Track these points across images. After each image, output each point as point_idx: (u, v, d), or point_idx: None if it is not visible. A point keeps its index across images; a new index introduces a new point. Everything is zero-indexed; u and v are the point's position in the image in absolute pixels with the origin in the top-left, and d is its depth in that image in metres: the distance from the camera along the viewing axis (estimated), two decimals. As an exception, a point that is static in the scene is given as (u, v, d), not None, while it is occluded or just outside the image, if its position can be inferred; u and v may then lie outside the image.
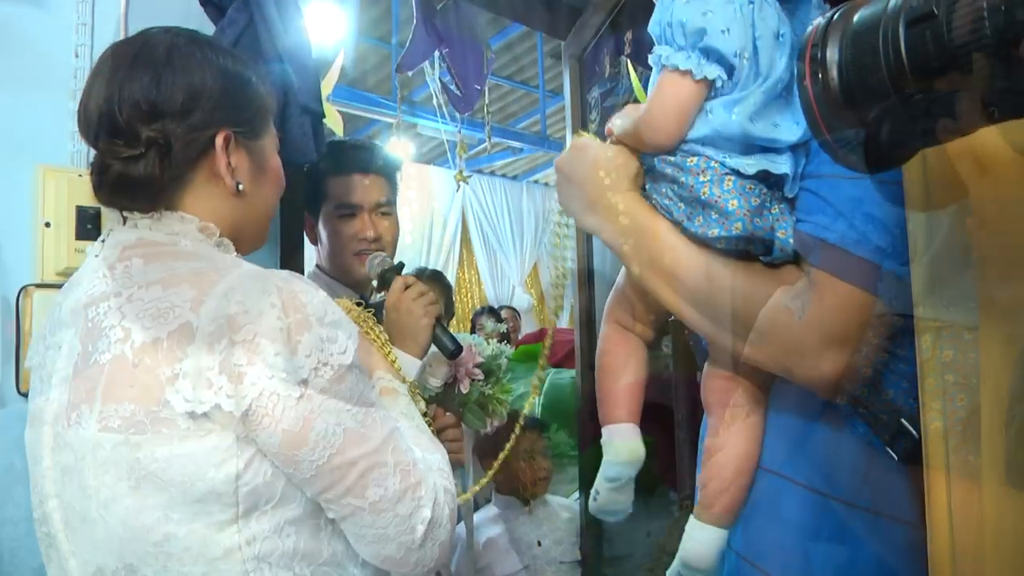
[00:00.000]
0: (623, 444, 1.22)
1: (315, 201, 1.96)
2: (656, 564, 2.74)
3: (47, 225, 1.67)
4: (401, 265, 1.80)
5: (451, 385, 1.87)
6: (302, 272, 2.07)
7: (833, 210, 0.95)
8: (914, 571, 0.79)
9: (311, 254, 2.10)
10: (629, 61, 2.69)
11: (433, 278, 3.69)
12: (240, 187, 1.10)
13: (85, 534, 0.98)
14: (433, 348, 1.65)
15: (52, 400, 1.00)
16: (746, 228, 0.98)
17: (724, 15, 0.98)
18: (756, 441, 1.12)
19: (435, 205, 8.15)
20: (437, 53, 3.40)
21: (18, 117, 1.69)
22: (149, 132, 1.01)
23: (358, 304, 1.58)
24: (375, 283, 1.77)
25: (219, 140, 1.06)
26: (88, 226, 1.68)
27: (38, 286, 1.67)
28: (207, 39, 1.12)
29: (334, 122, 4.49)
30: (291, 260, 2.04)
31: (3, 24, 1.67)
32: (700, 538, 1.14)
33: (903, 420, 0.94)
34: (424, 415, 1.49)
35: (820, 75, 0.60)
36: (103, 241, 1.07)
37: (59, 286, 1.10)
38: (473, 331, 5.79)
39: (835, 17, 0.60)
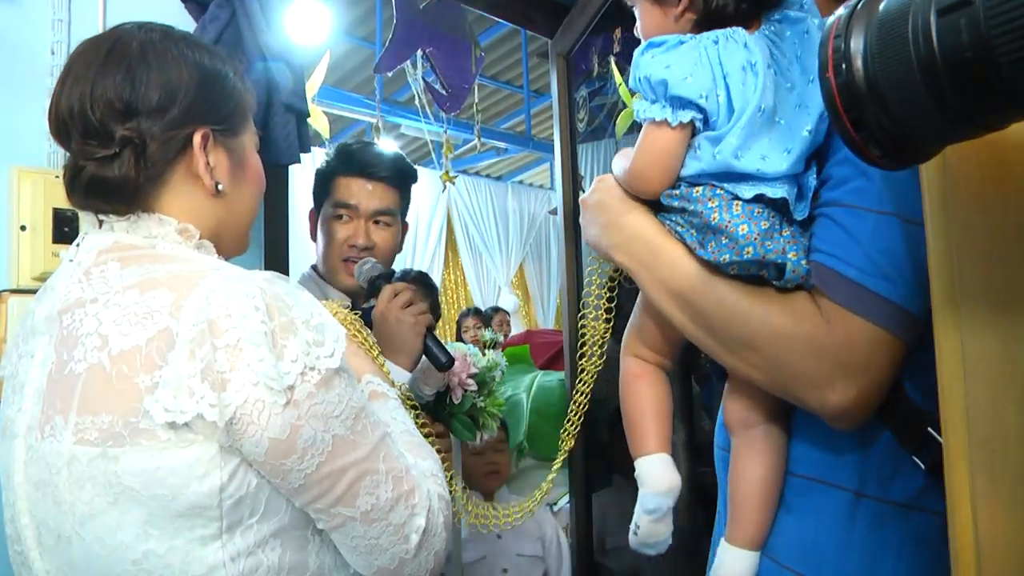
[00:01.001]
0: (659, 475, 1.19)
1: (320, 198, 1.91)
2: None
3: (23, 228, 1.62)
4: (392, 273, 1.77)
5: (443, 394, 1.83)
6: (287, 274, 2.03)
7: (851, 240, 0.94)
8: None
9: (296, 261, 2.06)
10: (614, 61, 2.67)
11: (419, 279, 3.65)
12: (219, 187, 1.06)
13: (59, 553, 0.94)
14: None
15: (25, 411, 0.96)
16: (757, 252, 0.98)
17: (685, 63, 1.02)
18: (781, 459, 1.11)
19: (420, 206, 8.11)
20: (420, 53, 3.36)
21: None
22: (123, 131, 0.98)
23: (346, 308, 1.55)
24: (364, 290, 1.73)
25: (197, 138, 1.03)
26: (65, 229, 1.63)
27: (13, 291, 1.62)
28: (182, 34, 1.07)
29: (320, 124, 4.46)
30: (276, 263, 2.00)
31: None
32: (732, 562, 1.12)
33: (930, 429, 0.94)
34: (418, 421, 1.46)
35: (843, 66, 0.56)
36: (78, 245, 1.03)
37: (35, 291, 1.05)
38: (459, 333, 5.76)
39: (859, 6, 0.56)
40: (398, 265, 2.07)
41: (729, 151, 1.00)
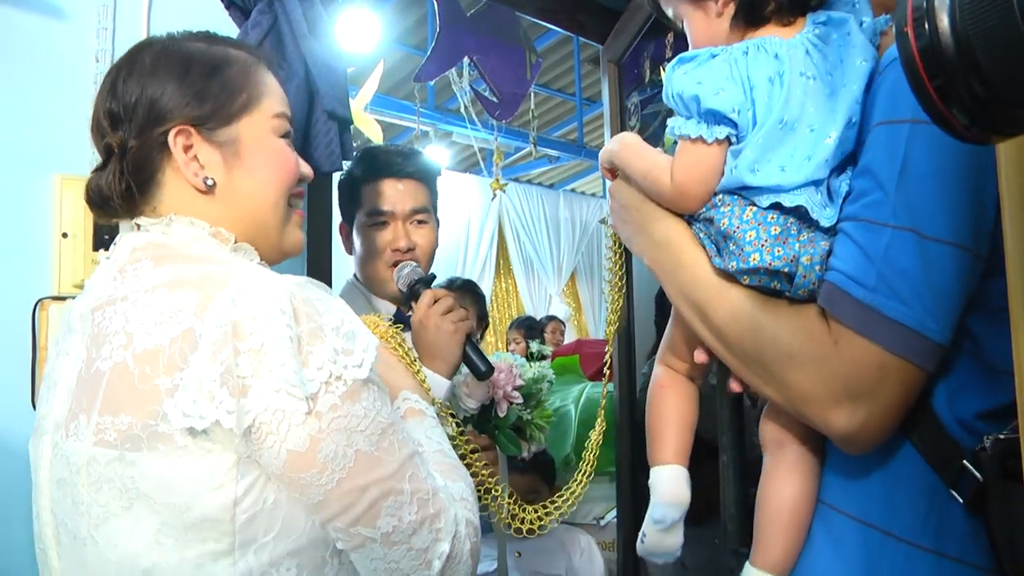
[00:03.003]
0: (671, 486, 1.18)
1: (350, 209, 1.88)
2: (735, 566, 2.66)
3: (64, 236, 1.63)
4: (432, 277, 1.73)
5: (488, 407, 1.78)
6: (330, 283, 2.02)
7: (863, 257, 0.90)
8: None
9: (340, 266, 2.04)
10: (663, 68, 2.61)
11: (465, 288, 3.63)
12: (209, 182, 1.03)
13: (75, 553, 0.93)
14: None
15: (55, 408, 0.96)
16: (763, 259, 0.95)
17: (716, 78, 1.00)
18: (813, 482, 1.06)
19: (470, 214, 8.11)
20: (467, 61, 3.33)
21: (37, 125, 1.65)
22: (109, 141, 1.01)
23: (392, 320, 1.52)
24: (403, 295, 1.69)
25: (171, 136, 1.01)
26: (106, 236, 1.63)
27: (55, 299, 1.62)
28: (185, 35, 1.09)
29: (372, 132, 4.47)
30: (318, 271, 1.98)
31: (22, 29, 1.64)
32: None
33: (966, 462, 0.88)
34: (458, 437, 1.43)
35: (926, 25, 0.50)
36: (115, 244, 1.03)
37: (76, 298, 1.06)
38: (508, 345, 5.72)
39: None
40: (449, 273, 2.03)
41: (745, 165, 0.98)
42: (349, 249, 1.90)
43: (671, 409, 1.22)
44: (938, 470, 0.92)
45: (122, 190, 1.01)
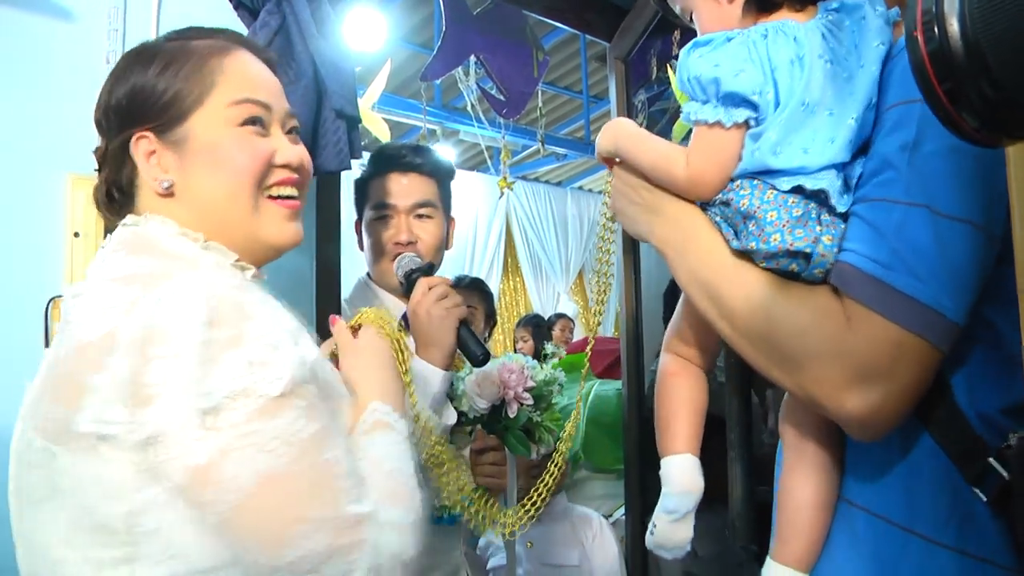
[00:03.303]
0: (682, 476, 1.17)
1: (360, 205, 1.89)
2: (744, 559, 2.66)
3: (76, 235, 1.64)
4: (430, 266, 1.72)
5: (498, 407, 1.76)
6: (339, 282, 2.02)
7: (875, 234, 0.88)
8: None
9: (349, 267, 2.04)
10: (670, 66, 2.61)
11: (473, 286, 3.63)
12: (165, 185, 1.02)
13: (20, 528, 0.94)
14: (488, 365, 1.57)
15: (30, 393, 0.96)
16: (784, 239, 0.94)
17: (735, 60, 0.98)
18: (835, 477, 1.05)
19: (477, 213, 8.11)
20: (473, 59, 3.33)
21: (49, 125, 1.66)
22: (97, 147, 1.06)
23: (402, 322, 1.51)
24: (403, 286, 1.69)
25: (132, 144, 1.03)
26: (117, 236, 1.64)
27: (67, 297, 1.63)
28: (145, 45, 1.10)
29: (380, 130, 4.46)
30: (327, 270, 1.99)
31: (33, 31, 1.65)
32: None
33: (992, 460, 0.86)
34: (440, 444, 1.41)
35: (935, 29, 0.50)
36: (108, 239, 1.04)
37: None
38: (515, 343, 5.71)
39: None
40: (456, 271, 2.01)
41: (767, 147, 0.96)
42: (361, 246, 1.90)
43: (680, 398, 1.20)
44: (960, 467, 0.90)
45: (103, 195, 1.05)
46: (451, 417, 1.58)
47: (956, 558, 0.91)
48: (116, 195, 1.04)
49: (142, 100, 1.02)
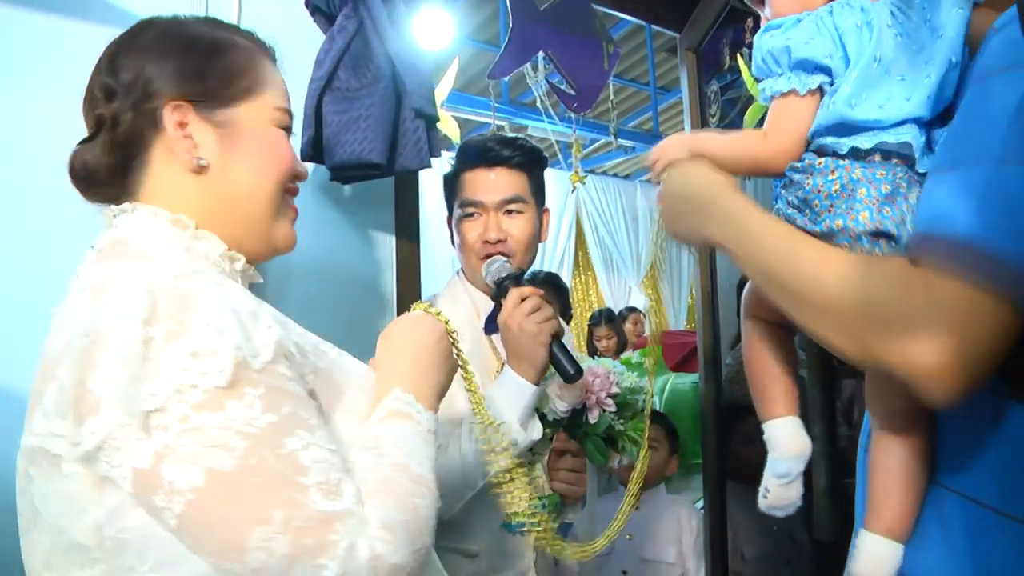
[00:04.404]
0: (789, 439, 1.19)
1: (449, 201, 1.84)
2: (793, 557, 2.63)
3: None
4: (521, 273, 1.68)
5: (579, 411, 1.70)
6: (419, 280, 2.04)
7: (961, 196, 0.83)
8: None
9: (429, 264, 2.06)
10: (741, 55, 2.58)
11: (548, 281, 3.63)
12: (202, 162, 0.98)
13: (23, 555, 0.91)
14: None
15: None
16: (873, 217, 0.94)
17: (803, 31, 1.03)
18: (926, 451, 1.03)
19: (549, 207, 8.07)
20: (541, 55, 3.33)
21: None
22: (101, 112, 0.96)
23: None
24: (493, 291, 1.65)
25: (166, 111, 0.97)
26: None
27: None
28: (186, 19, 1.05)
29: (450, 128, 4.49)
30: (408, 268, 2.02)
31: (100, 37, 1.70)
32: (872, 551, 1.05)
33: None
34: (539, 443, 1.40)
35: None
36: (92, 246, 0.98)
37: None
38: (591, 338, 5.67)
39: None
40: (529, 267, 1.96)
41: (843, 100, 0.99)
42: (453, 241, 1.85)
43: (770, 361, 1.22)
44: None
45: (110, 164, 0.97)
46: (536, 432, 1.55)
47: None
48: (120, 168, 0.98)
49: (187, 70, 0.99)
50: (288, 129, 1.09)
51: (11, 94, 1.59)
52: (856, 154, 1.00)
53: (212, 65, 1.01)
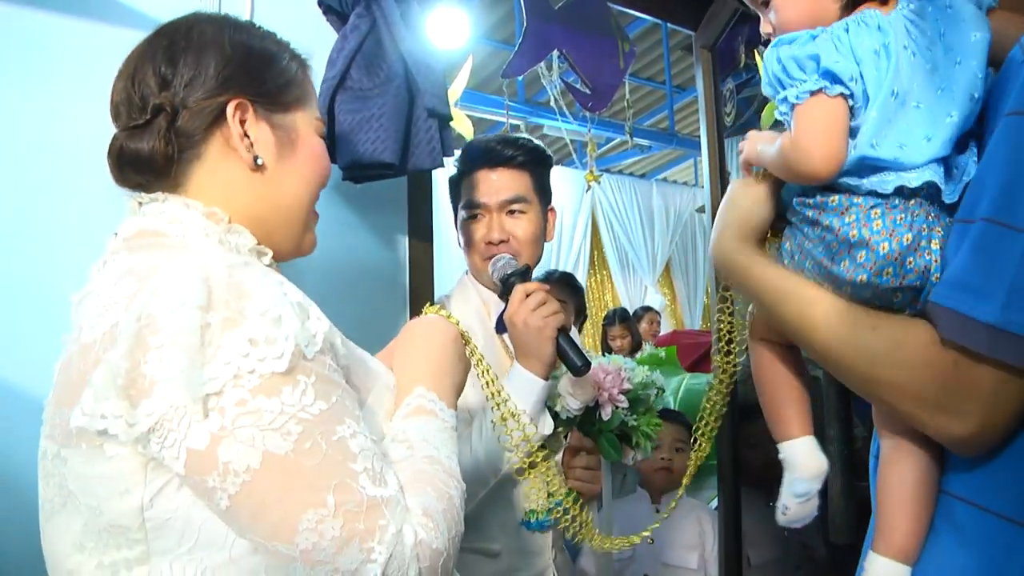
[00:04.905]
0: (806, 460, 1.19)
1: (454, 203, 1.85)
2: (803, 562, 2.61)
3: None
4: (527, 269, 1.67)
5: (593, 409, 1.70)
6: (432, 279, 2.04)
7: (991, 268, 0.83)
8: None
9: (442, 263, 2.06)
10: (757, 52, 2.57)
11: (563, 280, 3.62)
12: (259, 161, 1.00)
13: (45, 549, 0.93)
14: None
15: (47, 407, 0.93)
16: (896, 273, 0.93)
17: (828, 47, 0.97)
18: (934, 465, 1.02)
19: (564, 206, 8.08)
20: (556, 54, 3.32)
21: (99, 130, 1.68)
22: (157, 100, 0.96)
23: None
24: (500, 289, 1.66)
25: (231, 107, 0.98)
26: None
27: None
28: (238, 21, 1.07)
29: (464, 127, 4.50)
30: (420, 267, 2.02)
31: (118, 39, 1.71)
32: (881, 573, 1.05)
33: None
34: (547, 440, 1.40)
35: None
36: (116, 234, 0.99)
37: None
38: (605, 338, 5.66)
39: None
40: (543, 266, 1.96)
41: (865, 141, 0.95)
42: (460, 243, 1.86)
43: (782, 383, 1.21)
44: None
45: (166, 153, 0.96)
46: (548, 427, 1.55)
47: None
48: (177, 158, 0.98)
49: (259, 69, 1.02)
50: (324, 138, 1.12)
51: (11, 94, 1.59)
52: (875, 194, 0.97)
53: (273, 70, 1.04)
